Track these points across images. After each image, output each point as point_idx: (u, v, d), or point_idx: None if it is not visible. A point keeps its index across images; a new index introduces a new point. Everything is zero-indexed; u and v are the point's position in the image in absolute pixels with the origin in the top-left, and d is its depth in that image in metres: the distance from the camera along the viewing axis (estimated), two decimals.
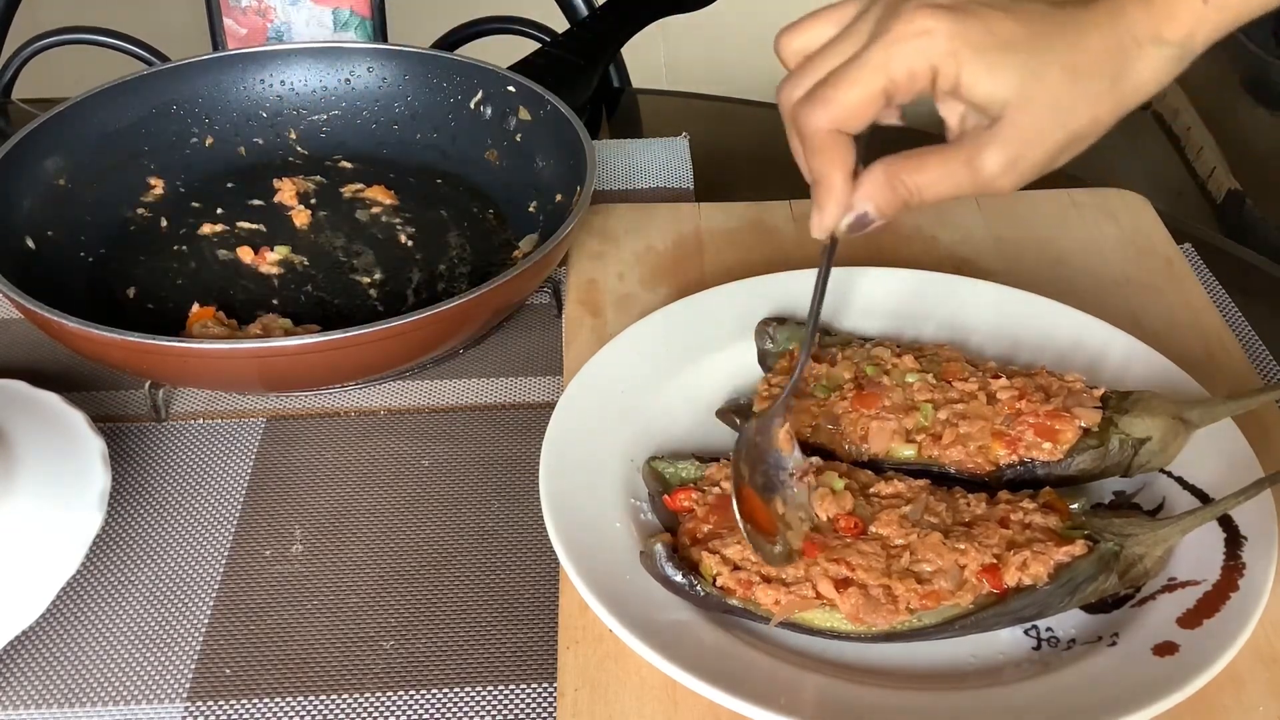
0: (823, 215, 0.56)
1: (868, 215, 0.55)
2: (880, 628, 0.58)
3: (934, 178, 0.54)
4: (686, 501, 0.63)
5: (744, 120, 1.13)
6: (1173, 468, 0.65)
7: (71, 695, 0.60)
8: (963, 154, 0.54)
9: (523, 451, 0.72)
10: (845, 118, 0.54)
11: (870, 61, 0.52)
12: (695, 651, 0.56)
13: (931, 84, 0.53)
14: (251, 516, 0.69)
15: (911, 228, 0.88)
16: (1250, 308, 0.83)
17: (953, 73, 0.52)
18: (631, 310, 0.80)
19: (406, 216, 0.89)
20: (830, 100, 0.53)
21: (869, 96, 0.53)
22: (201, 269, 0.84)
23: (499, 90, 0.91)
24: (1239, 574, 0.58)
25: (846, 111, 0.53)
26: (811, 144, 0.55)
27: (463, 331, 0.75)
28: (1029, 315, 0.75)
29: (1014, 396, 0.66)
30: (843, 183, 0.55)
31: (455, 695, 0.60)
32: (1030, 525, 0.60)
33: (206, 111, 0.93)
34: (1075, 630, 0.59)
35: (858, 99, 0.53)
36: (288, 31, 1.14)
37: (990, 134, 0.53)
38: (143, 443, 0.74)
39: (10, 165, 0.82)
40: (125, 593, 0.65)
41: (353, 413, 0.76)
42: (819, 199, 0.56)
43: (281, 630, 0.63)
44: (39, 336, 0.75)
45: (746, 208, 0.91)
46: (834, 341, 0.72)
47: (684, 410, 0.71)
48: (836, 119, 0.54)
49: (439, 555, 0.67)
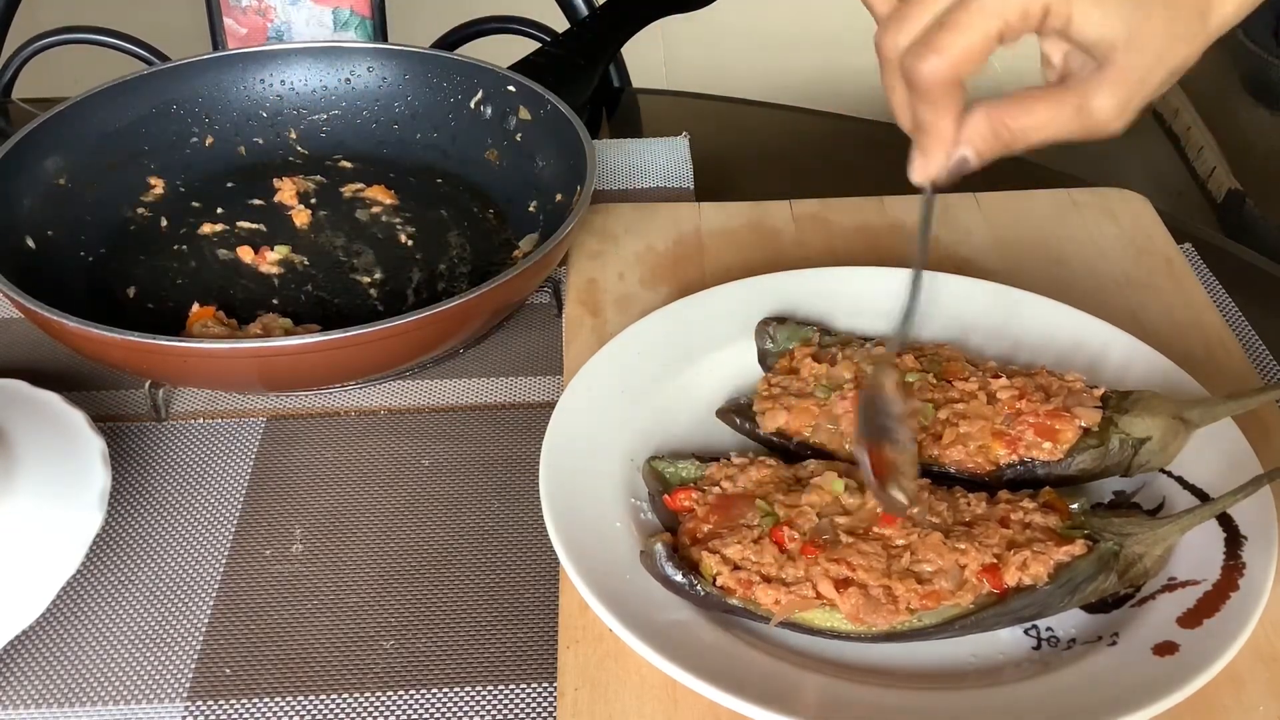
0: (928, 162, 0.55)
1: (967, 160, 0.55)
2: (880, 628, 0.58)
3: (1042, 120, 0.54)
4: (686, 501, 0.63)
5: (744, 120, 1.12)
6: (1173, 467, 0.65)
7: (71, 695, 0.60)
8: (1074, 96, 0.53)
9: (523, 451, 0.72)
10: (963, 63, 0.52)
11: (985, 7, 0.51)
12: (695, 651, 0.56)
13: (1041, 23, 0.52)
14: (251, 516, 0.69)
15: (912, 227, 0.88)
16: (1250, 308, 0.83)
17: (1065, 12, 0.51)
18: (631, 310, 0.80)
19: (407, 216, 0.89)
20: (945, 47, 0.52)
21: (986, 40, 0.51)
22: (202, 268, 0.84)
23: (499, 90, 0.91)
24: (1239, 573, 0.58)
25: (964, 56, 0.52)
26: (925, 93, 0.53)
27: (463, 331, 0.75)
28: (1029, 315, 0.75)
29: (1014, 396, 0.66)
30: (953, 130, 0.54)
31: (455, 695, 0.60)
32: (1030, 525, 0.60)
33: (207, 111, 0.93)
34: (1075, 630, 0.59)
35: (974, 43, 0.51)
36: (288, 31, 1.14)
37: (1101, 75, 0.52)
38: (143, 442, 0.74)
39: (10, 165, 0.81)
40: (125, 592, 0.65)
41: (353, 412, 0.76)
42: (926, 146, 0.55)
43: (281, 629, 0.63)
44: (39, 336, 0.75)
45: (746, 208, 0.91)
46: (834, 341, 0.72)
47: (684, 410, 0.71)
48: (955, 63, 0.52)
49: (439, 555, 0.67)
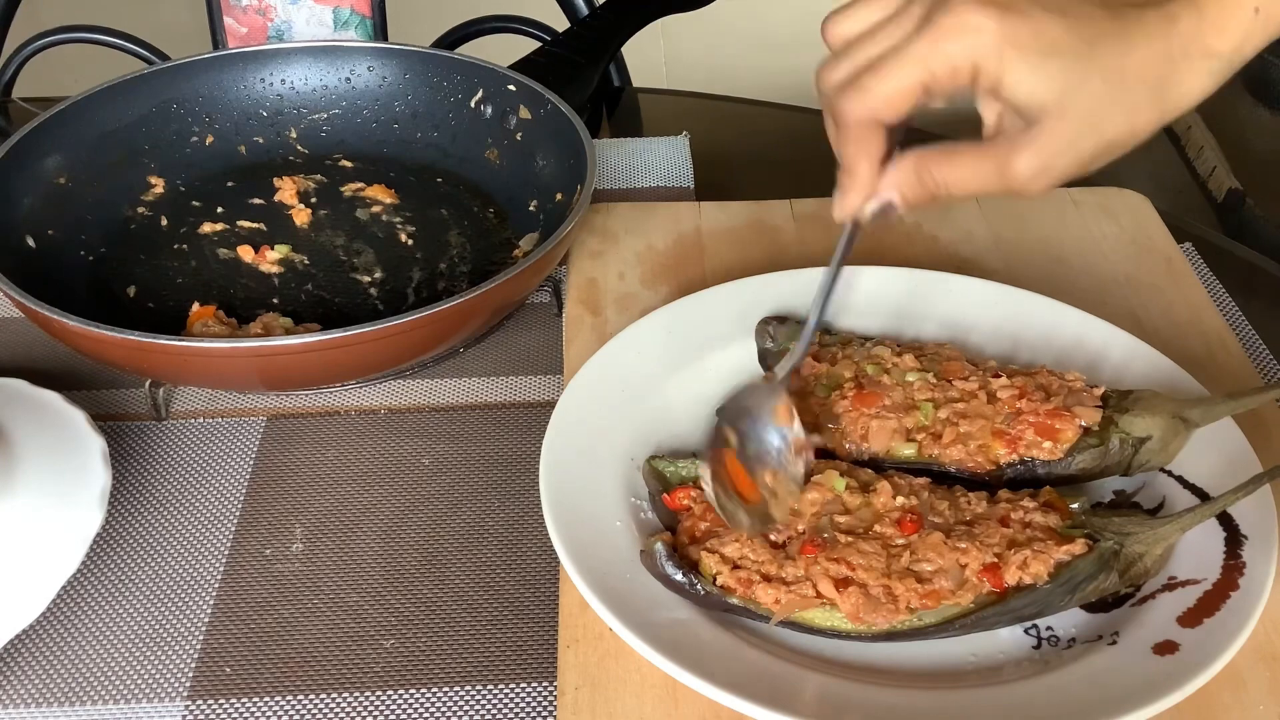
0: (844, 201, 0.56)
1: (892, 204, 0.56)
2: (880, 627, 0.58)
3: (964, 174, 0.54)
4: (686, 500, 0.63)
5: (744, 120, 1.12)
6: (1173, 467, 0.65)
7: (72, 694, 0.60)
8: (996, 154, 0.53)
9: (523, 450, 0.72)
10: (881, 108, 0.53)
11: (912, 54, 0.52)
12: (695, 650, 0.56)
13: (972, 81, 0.52)
14: (252, 515, 0.69)
15: (911, 226, 0.88)
16: (1250, 307, 0.83)
17: (995, 72, 0.51)
18: (632, 309, 0.80)
19: (407, 215, 0.89)
20: (868, 89, 0.53)
21: (907, 89, 0.52)
22: (202, 268, 0.84)
23: (499, 89, 0.91)
24: (1239, 573, 0.58)
25: (882, 102, 0.53)
26: (845, 131, 0.55)
27: (463, 330, 0.75)
28: (1029, 314, 0.75)
29: (1014, 395, 0.66)
30: (869, 172, 0.55)
31: (455, 694, 0.60)
32: (1030, 524, 0.60)
33: (207, 110, 0.93)
34: (1075, 629, 0.59)
35: (895, 90, 0.52)
36: (288, 30, 1.14)
37: (1026, 137, 0.52)
38: (143, 441, 0.74)
39: (11, 164, 0.81)
40: (125, 591, 0.65)
41: (353, 411, 0.76)
42: (844, 184, 0.56)
43: (281, 628, 0.63)
44: (39, 335, 0.75)
45: (746, 207, 0.91)
46: (834, 340, 0.72)
47: (684, 409, 0.71)
48: (872, 108, 0.53)
49: (439, 554, 0.67)
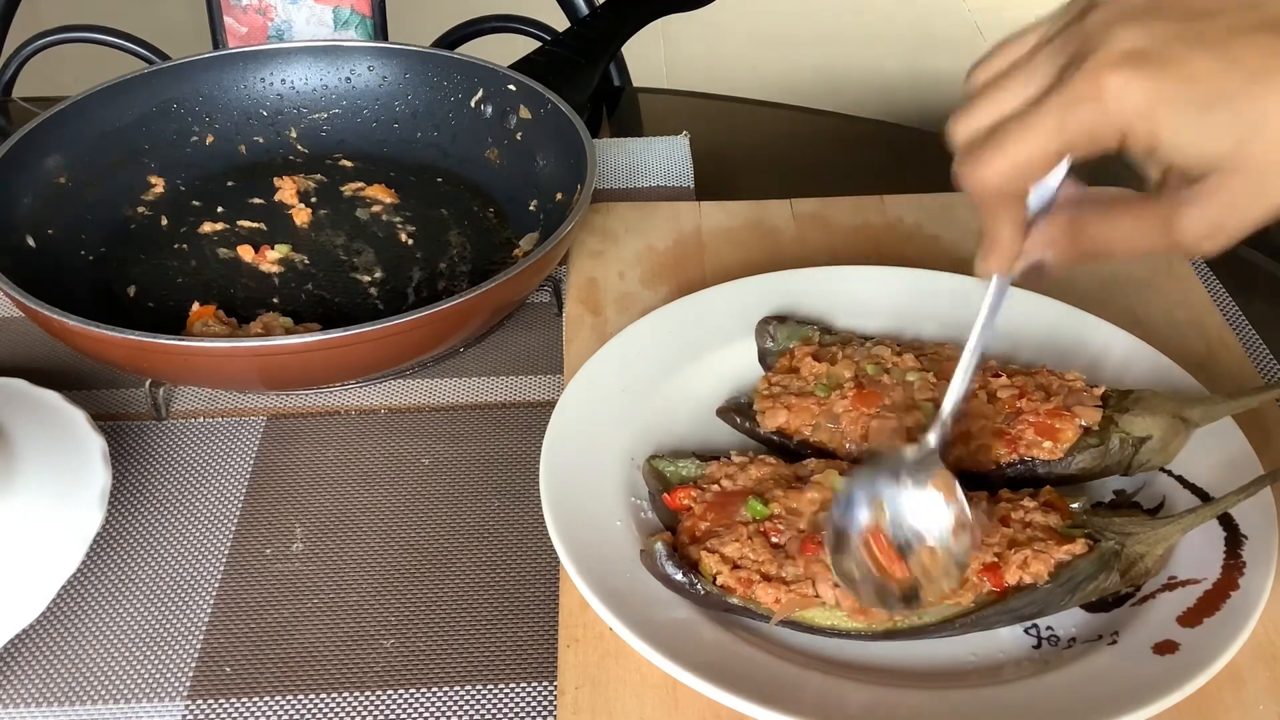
0: (988, 264, 0.53)
1: (1044, 264, 0.52)
2: (881, 626, 0.58)
3: (1125, 235, 0.49)
4: (686, 500, 0.63)
5: (744, 120, 1.12)
6: (1173, 466, 0.65)
7: (72, 693, 0.60)
8: (1160, 213, 0.47)
9: (523, 450, 0.72)
10: (1011, 180, 0.48)
11: (1044, 123, 0.46)
12: (695, 650, 0.56)
13: (1120, 146, 0.46)
14: (252, 515, 0.69)
15: (911, 226, 0.88)
16: (1250, 307, 0.83)
17: (1146, 136, 0.45)
18: (632, 309, 0.80)
19: (407, 215, 0.89)
20: (993, 162, 0.48)
21: (1040, 159, 0.47)
22: (202, 267, 0.84)
23: (499, 89, 0.91)
24: (1239, 573, 0.58)
25: (1012, 173, 0.48)
26: (978, 200, 0.50)
27: (463, 330, 0.75)
28: (1029, 314, 0.75)
29: (1014, 395, 0.66)
30: (1011, 237, 0.51)
31: (455, 693, 0.60)
32: (1031, 524, 0.60)
33: (207, 110, 0.93)
34: (1076, 629, 0.59)
35: (1024, 162, 0.47)
36: (288, 30, 1.14)
37: (1193, 193, 0.46)
38: (143, 441, 0.74)
39: (11, 163, 0.81)
40: (125, 591, 0.65)
41: (353, 411, 0.76)
42: (984, 250, 0.52)
43: (282, 628, 0.63)
44: (39, 335, 0.75)
45: (746, 207, 0.91)
46: (834, 340, 0.72)
47: (684, 409, 0.71)
48: (1002, 182, 0.48)
49: (439, 553, 0.67)
